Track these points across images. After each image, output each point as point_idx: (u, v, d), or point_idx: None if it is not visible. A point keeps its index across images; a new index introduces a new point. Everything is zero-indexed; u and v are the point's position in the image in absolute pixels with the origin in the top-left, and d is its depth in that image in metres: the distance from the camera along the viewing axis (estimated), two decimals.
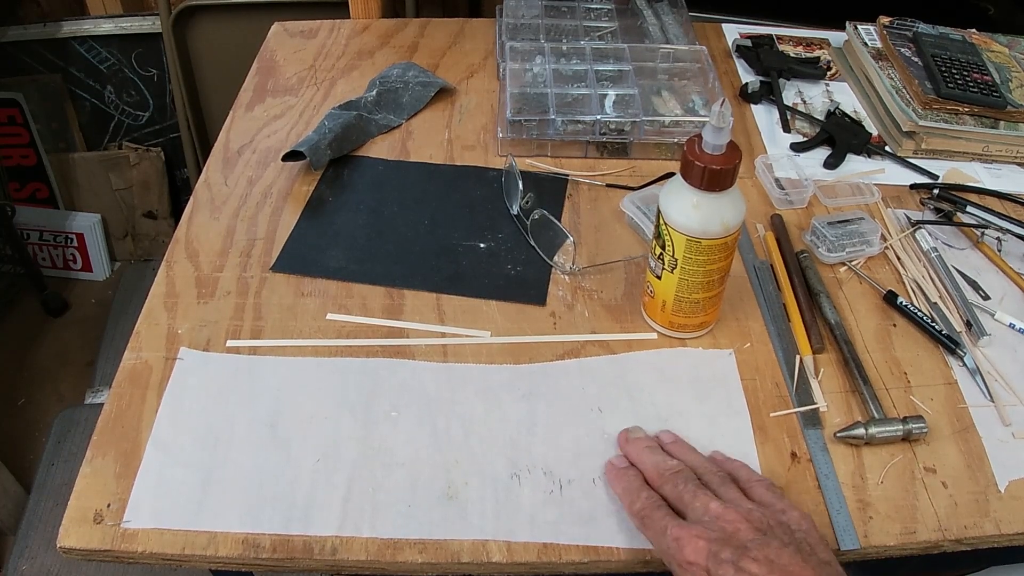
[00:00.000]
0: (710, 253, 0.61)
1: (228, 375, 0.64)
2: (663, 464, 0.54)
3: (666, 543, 0.49)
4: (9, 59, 1.73)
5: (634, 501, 0.53)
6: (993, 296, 0.73)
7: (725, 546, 0.47)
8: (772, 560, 0.46)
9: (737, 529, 0.48)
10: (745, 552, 0.46)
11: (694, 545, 0.48)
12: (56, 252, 1.93)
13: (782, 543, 0.47)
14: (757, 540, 0.47)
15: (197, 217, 0.79)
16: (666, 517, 0.51)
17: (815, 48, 1.07)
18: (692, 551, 0.48)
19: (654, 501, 0.52)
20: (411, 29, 1.10)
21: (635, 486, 0.54)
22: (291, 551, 0.53)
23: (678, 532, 0.49)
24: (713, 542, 0.47)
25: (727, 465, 0.56)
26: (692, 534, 0.48)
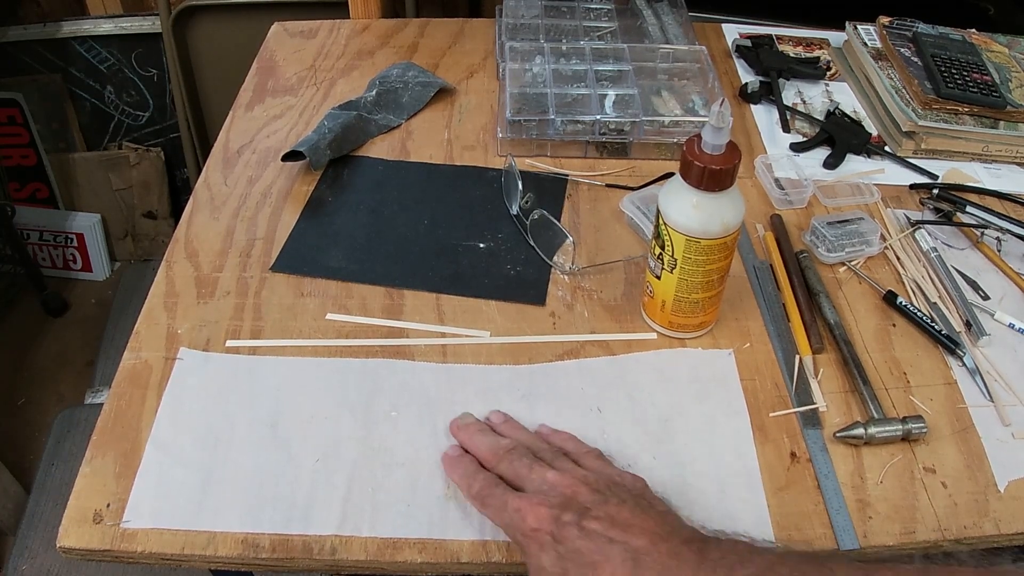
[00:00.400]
0: (709, 253, 0.61)
1: (228, 375, 0.64)
2: (496, 444, 0.55)
3: (508, 516, 0.50)
4: (9, 59, 1.73)
5: (471, 484, 0.54)
6: (993, 296, 0.73)
7: (566, 509, 0.48)
8: (612, 516, 0.48)
9: (576, 492, 0.50)
10: (586, 512, 0.48)
11: (536, 512, 0.49)
12: (56, 252, 1.93)
13: (620, 500, 0.49)
14: (596, 500, 0.49)
15: (197, 217, 0.79)
16: (505, 492, 0.52)
17: (815, 48, 1.07)
18: (535, 518, 0.49)
19: (491, 480, 0.53)
20: (411, 29, 1.10)
21: (471, 470, 0.55)
22: (291, 551, 0.53)
23: (518, 503, 0.50)
24: (554, 507, 0.49)
25: (555, 439, 0.58)
26: (533, 502, 0.49)
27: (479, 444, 0.56)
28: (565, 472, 0.52)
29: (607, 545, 0.46)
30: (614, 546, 0.46)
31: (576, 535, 0.47)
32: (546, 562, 0.48)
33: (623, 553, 0.45)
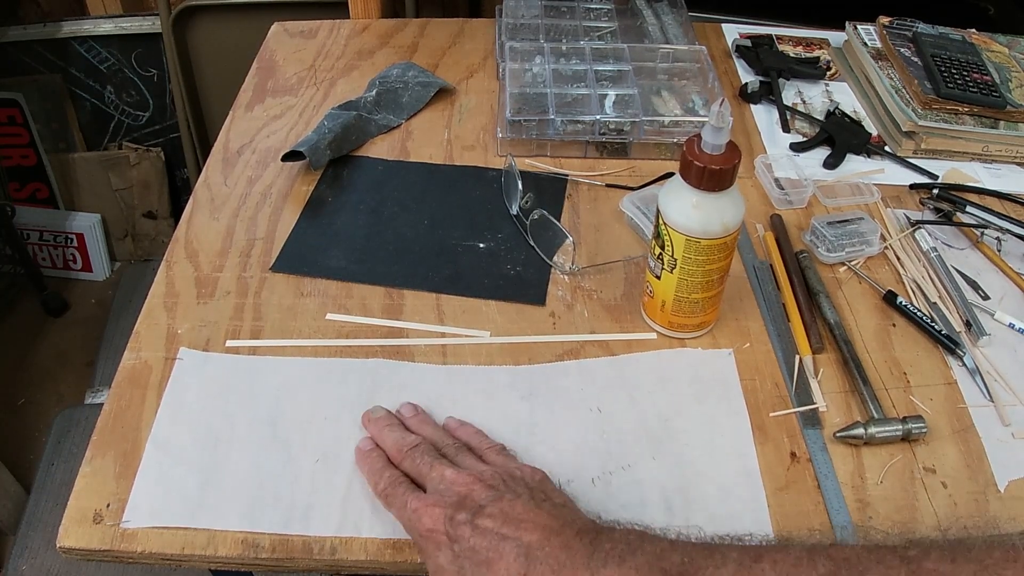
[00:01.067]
0: (709, 253, 0.61)
1: (228, 375, 0.64)
2: (402, 440, 0.56)
3: (407, 516, 0.51)
4: (9, 59, 1.73)
5: (378, 481, 0.55)
6: (993, 296, 0.73)
7: (460, 509, 0.49)
8: (506, 512, 0.48)
9: (471, 491, 0.50)
10: (480, 510, 0.48)
11: (431, 513, 0.49)
12: (56, 252, 1.93)
13: (515, 495, 0.49)
14: (490, 496, 0.49)
15: (197, 217, 0.79)
16: (406, 492, 0.52)
17: (815, 48, 1.07)
18: (429, 519, 0.49)
19: (396, 478, 0.54)
20: (411, 29, 1.10)
21: (378, 467, 0.55)
22: (290, 551, 0.53)
23: (415, 503, 0.51)
24: (448, 507, 0.49)
25: (460, 432, 0.58)
26: (428, 503, 0.50)
27: (386, 439, 0.57)
28: (462, 470, 0.52)
29: (500, 542, 0.46)
30: (507, 543, 0.46)
31: (470, 534, 0.47)
32: (443, 561, 0.48)
33: (516, 549, 0.46)
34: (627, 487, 0.57)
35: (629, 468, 0.58)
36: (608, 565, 0.44)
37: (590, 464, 0.58)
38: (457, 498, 0.50)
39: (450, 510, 0.49)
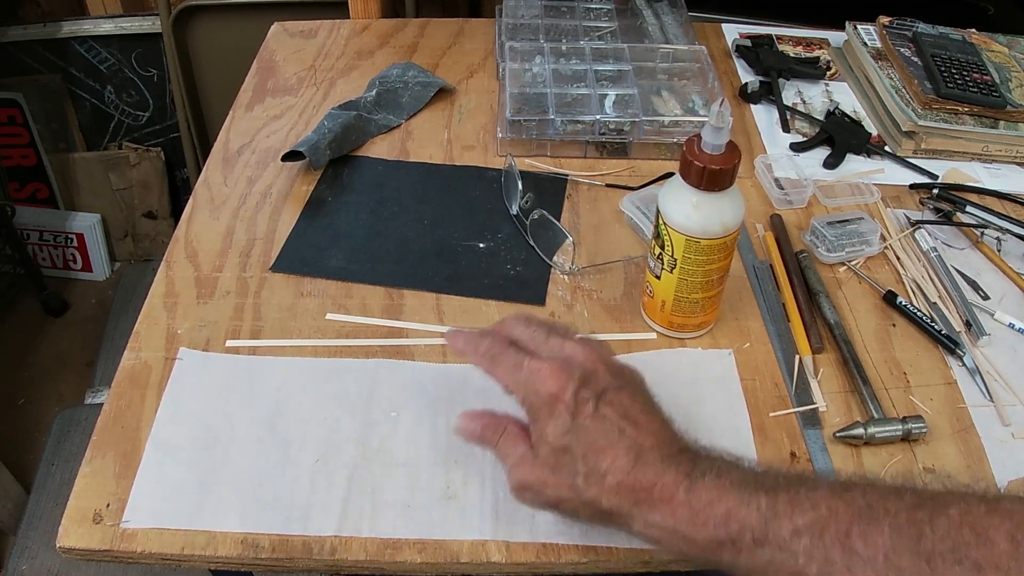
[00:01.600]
0: (709, 253, 0.61)
1: (228, 375, 0.64)
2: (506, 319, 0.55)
3: (523, 376, 0.50)
4: (9, 59, 1.73)
5: (479, 345, 0.53)
6: (993, 296, 0.73)
7: (586, 385, 0.48)
8: (626, 407, 0.48)
9: (596, 369, 0.49)
10: (604, 394, 0.48)
11: (557, 378, 0.48)
12: (56, 252, 1.93)
13: (633, 392, 0.50)
14: (614, 384, 0.49)
15: (197, 217, 0.79)
16: (519, 353, 0.51)
17: (815, 48, 1.07)
18: (555, 383, 0.48)
19: (501, 341, 0.53)
20: (411, 29, 1.10)
21: (476, 334, 0.54)
22: (290, 551, 0.53)
23: (537, 364, 0.49)
24: (575, 379, 0.48)
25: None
26: (555, 367, 0.49)
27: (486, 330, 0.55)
28: (585, 345, 0.51)
29: (618, 435, 0.47)
30: (624, 437, 0.47)
31: (590, 413, 0.48)
32: (553, 429, 0.48)
33: (629, 446, 0.47)
34: None
35: None
36: (707, 476, 0.46)
37: None
38: (583, 372, 0.49)
39: (576, 383, 0.48)
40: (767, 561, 0.44)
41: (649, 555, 0.54)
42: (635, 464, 0.46)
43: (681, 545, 0.46)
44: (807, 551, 0.42)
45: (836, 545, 0.42)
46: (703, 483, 0.45)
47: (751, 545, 0.44)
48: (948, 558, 0.40)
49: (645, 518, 0.46)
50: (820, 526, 0.43)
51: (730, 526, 0.44)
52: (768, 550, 0.43)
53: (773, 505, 0.44)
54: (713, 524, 0.45)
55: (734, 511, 0.44)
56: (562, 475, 0.48)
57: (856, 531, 0.42)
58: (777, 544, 0.43)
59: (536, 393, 0.49)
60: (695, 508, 0.45)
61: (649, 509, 0.46)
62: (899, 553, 0.41)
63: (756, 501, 0.44)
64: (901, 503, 0.42)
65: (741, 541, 0.44)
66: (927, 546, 0.40)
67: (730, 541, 0.44)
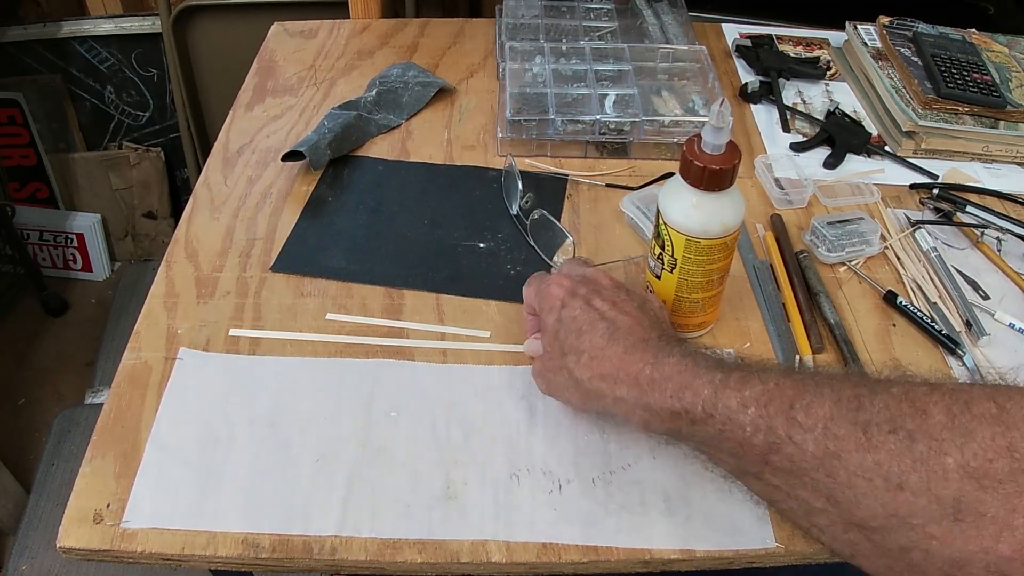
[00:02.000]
0: (709, 253, 0.61)
1: (228, 375, 0.64)
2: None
3: (540, 290, 0.59)
4: (9, 59, 1.73)
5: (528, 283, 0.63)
6: (993, 296, 0.73)
7: (582, 285, 0.57)
8: (617, 303, 0.55)
9: (598, 278, 0.58)
10: (597, 293, 0.56)
11: (559, 282, 0.58)
12: (56, 252, 1.93)
13: (629, 296, 0.57)
14: (613, 288, 0.57)
15: (197, 217, 0.79)
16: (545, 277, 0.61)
17: (815, 48, 1.07)
18: (557, 287, 0.58)
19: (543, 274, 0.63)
20: (411, 29, 1.10)
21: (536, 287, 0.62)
22: (291, 551, 0.53)
23: (549, 279, 0.59)
24: (574, 282, 0.57)
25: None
26: (559, 277, 0.59)
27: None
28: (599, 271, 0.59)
29: (597, 319, 0.54)
30: (602, 321, 0.54)
31: (579, 306, 0.55)
32: (549, 321, 0.57)
33: (606, 327, 0.53)
34: (627, 487, 0.57)
35: (629, 468, 0.58)
36: (673, 356, 0.51)
37: (590, 464, 0.58)
38: (582, 278, 0.58)
39: (574, 284, 0.57)
40: (718, 431, 0.47)
41: (649, 555, 0.54)
42: (608, 342, 0.52)
43: (644, 415, 0.51)
44: (753, 422, 0.46)
45: (780, 415, 0.45)
46: (668, 361, 0.50)
47: (702, 416, 0.48)
48: (884, 427, 0.42)
49: (613, 391, 0.51)
50: (766, 399, 0.46)
51: (684, 397, 0.48)
52: (718, 421, 0.47)
53: (726, 380, 0.48)
54: (670, 395, 0.49)
55: (690, 383, 0.49)
56: (555, 358, 0.56)
57: (799, 404, 0.45)
58: (726, 415, 0.47)
59: (544, 298, 0.58)
60: (656, 380, 0.50)
61: (616, 382, 0.51)
62: (837, 422, 0.43)
63: (711, 375, 0.48)
64: (847, 382, 0.45)
65: (694, 411, 0.48)
66: (864, 416, 0.43)
67: (684, 411, 0.48)
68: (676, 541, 0.54)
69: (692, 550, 0.54)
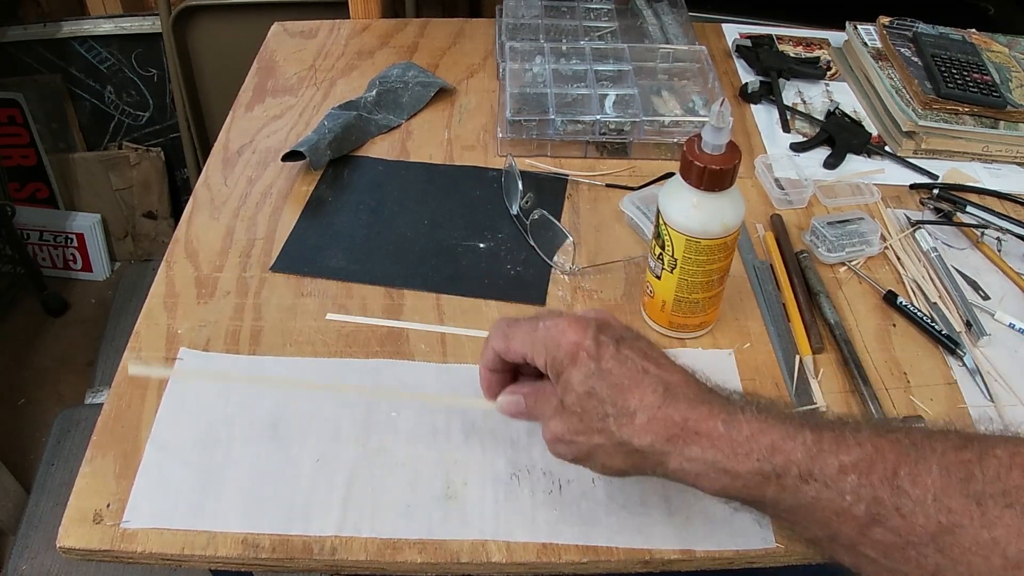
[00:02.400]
0: (710, 253, 0.61)
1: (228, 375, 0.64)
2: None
3: (541, 333, 0.49)
4: (9, 59, 1.73)
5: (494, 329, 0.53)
6: (993, 296, 0.73)
7: (604, 331, 0.49)
8: (645, 351, 0.49)
9: (609, 321, 0.50)
10: (622, 340, 0.49)
11: (576, 327, 0.48)
12: (56, 252, 1.93)
13: (648, 343, 0.50)
14: (630, 333, 0.50)
15: (197, 217, 0.79)
16: (534, 319, 0.51)
17: (815, 48, 1.07)
18: (575, 332, 0.48)
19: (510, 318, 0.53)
20: (411, 29, 1.10)
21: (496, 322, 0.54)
22: (291, 551, 0.53)
23: (555, 320, 0.49)
24: (592, 327, 0.48)
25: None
26: (572, 319, 0.49)
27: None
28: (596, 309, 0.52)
29: (641, 374, 0.47)
30: (648, 376, 0.47)
31: (611, 355, 0.47)
32: (576, 377, 0.47)
33: (655, 383, 0.47)
34: (627, 487, 0.57)
35: None
36: (746, 411, 0.45)
37: None
38: (598, 322, 0.49)
39: (594, 329, 0.48)
40: (812, 498, 0.42)
41: (649, 555, 0.54)
42: (664, 399, 0.46)
43: (723, 480, 0.45)
44: (854, 489, 0.41)
45: (884, 484, 0.41)
46: (743, 417, 0.45)
47: (796, 480, 0.43)
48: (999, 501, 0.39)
49: (682, 453, 0.45)
50: (867, 464, 0.41)
51: (775, 459, 0.43)
52: (814, 486, 0.42)
53: (819, 441, 0.43)
54: (757, 456, 0.43)
55: (779, 444, 0.43)
56: (592, 421, 0.47)
57: (904, 471, 0.41)
58: (823, 481, 0.42)
59: (557, 346, 0.48)
60: (736, 440, 0.44)
61: (685, 444, 0.45)
62: (949, 494, 0.40)
63: (802, 436, 0.43)
64: (947, 443, 0.41)
65: (787, 475, 0.43)
66: (976, 487, 0.39)
67: (775, 475, 0.43)
68: (676, 541, 0.54)
69: (692, 550, 0.54)
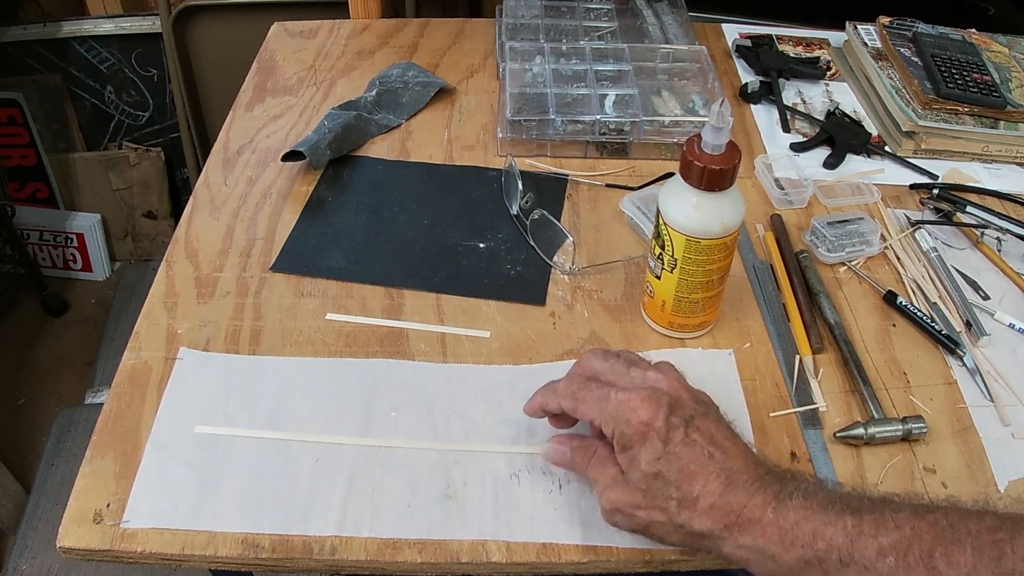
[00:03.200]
0: (709, 253, 0.61)
1: (228, 375, 0.64)
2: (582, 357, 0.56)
3: (612, 407, 0.50)
4: (9, 59, 1.73)
5: (556, 387, 0.54)
6: (993, 296, 0.73)
7: (675, 412, 0.49)
8: (712, 432, 0.49)
9: (680, 396, 0.51)
10: (691, 420, 0.49)
11: (648, 406, 0.49)
12: (56, 252, 1.93)
13: (716, 418, 0.51)
14: (699, 410, 0.50)
15: (197, 217, 0.79)
16: (604, 386, 0.51)
17: (815, 48, 1.07)
18: (646, 411, 0.49)
19: (580, 378, 0.53)
20: (411, 29, 1.10)
21: (550, 385, 0.55)
22: (291, 551, 0.53)
23: (626, 395, 0.50)
24: (664, 406, 0.49)
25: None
26: (643, 396, 0.49)
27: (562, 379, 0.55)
28: (666, 374, 0.52)
29: (707, 459, 0.48)
30: (713, 462, 0.48)
31: (681, 439, 0.48)
32: (643, 458, 0.48)
33: (719, 470, 0.48)
34: None
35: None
36: (794, 497, 0.47)
37: None
38: (670, 399, 0.50)
39: (666, 409, 0.49)
40: None
41: (649, 555, 0.54)
42: (726, 488, 0.47)
43: (770, 565, 0.47)
44: (892, 571, 0.43)
45: (920, 565, 0.43)
46: (790, 504, 0.46)
47: (837, 565, 0.45)
48: None
49: (736, 540, 0.47)
50: (904, 546, 0.43)
51: (817, 545, 0.45)
52: (854, 570, 0.44)
53: (859, 525, 0.45)
54: (801, 544, 0.45)
55: (821, 531, 0.45)
56: (655, 499, 0.49)
57: (939, 551, 0.43)
58: (863, 564, 0.44)
59: (627, 423, 0.49)
60: (783, 528, 0.46)
61: (739, 531, 0.47)
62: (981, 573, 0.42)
63: (842, 521, 0.45)
64: (982, 524, 0.44)
65: (828, 561, 0.45)
66: (1008, 566, 0.41)
67: (817, 560, 0.45)
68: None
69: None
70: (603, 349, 0.56)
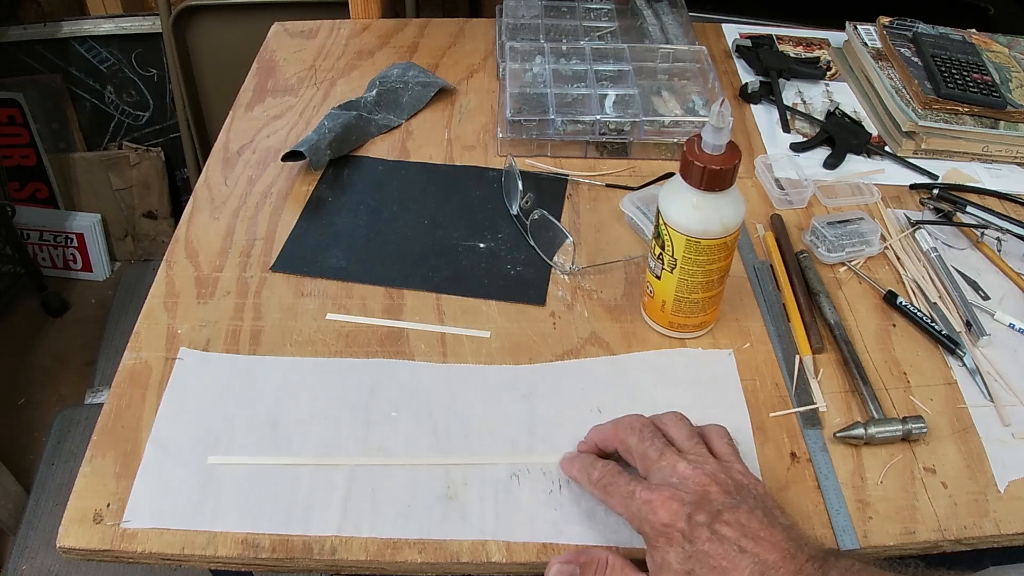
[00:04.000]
0: (709, 253, 0.61)
1: (228, 375, 0.64)
2: (623, 421, 0.55)
3: (636, 507, 0.50)
4: (9, 59, 1.73)
5: (591, 472, 0.54)
6: (993, 296, 0.73)
7: (699, 509, 0.48)
8: (743, 524, 0.47)
9: (707, 491, 0.49)
10: (718, 515, 0.47)
11: (668, 507, 0.48)
12: (56, 252, 1.93)
13: (750, 507, 0.48)
14: (728, 503, 0.48)
15: (197, 217, 0.79)
16: (631, 482, 0.51)
17: (815, 48, 1.07)
18: (667, 513, 0.48)
19: (613, 468, 0.53)
20: (411, 29, 1.10)
21: (589, 461, 0.55)
22: (291, 551, 0.53)
23: (649, 495, 0.49)
24: (687, 504, 0.48)
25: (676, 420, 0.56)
26: (665, 496, 0.49)
27: (605, 426, 0.56)
28: (696, 466, 0.50)
29: (737, 554, 0.46)
30: (744, 556, 0.46)
31: (707, 536, 0.47)
32: (672, 558, 0.47)
33: (752, 565, 0.46)
34: None
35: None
36: None
37: None
38: (695, 496, 0.48)
39: (689, 508, 0.48)
40: None
41: None
42: None
43: None
44: None
45: None
46: None
47: None
48: None
49: None
50: None
51: None
52: None
53: None
54: None
55: None
56: None
57: None
58: None
59: (650, 523, 0.49)
60: None
61: None
62: None
63: None
64: None
65: None
66: None
67: None
68: None
69: None
70: (641, 420, 0.55)
